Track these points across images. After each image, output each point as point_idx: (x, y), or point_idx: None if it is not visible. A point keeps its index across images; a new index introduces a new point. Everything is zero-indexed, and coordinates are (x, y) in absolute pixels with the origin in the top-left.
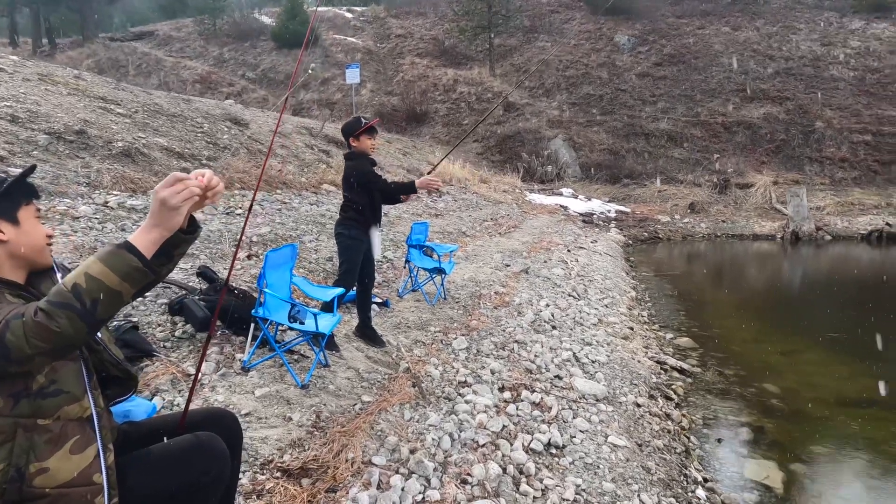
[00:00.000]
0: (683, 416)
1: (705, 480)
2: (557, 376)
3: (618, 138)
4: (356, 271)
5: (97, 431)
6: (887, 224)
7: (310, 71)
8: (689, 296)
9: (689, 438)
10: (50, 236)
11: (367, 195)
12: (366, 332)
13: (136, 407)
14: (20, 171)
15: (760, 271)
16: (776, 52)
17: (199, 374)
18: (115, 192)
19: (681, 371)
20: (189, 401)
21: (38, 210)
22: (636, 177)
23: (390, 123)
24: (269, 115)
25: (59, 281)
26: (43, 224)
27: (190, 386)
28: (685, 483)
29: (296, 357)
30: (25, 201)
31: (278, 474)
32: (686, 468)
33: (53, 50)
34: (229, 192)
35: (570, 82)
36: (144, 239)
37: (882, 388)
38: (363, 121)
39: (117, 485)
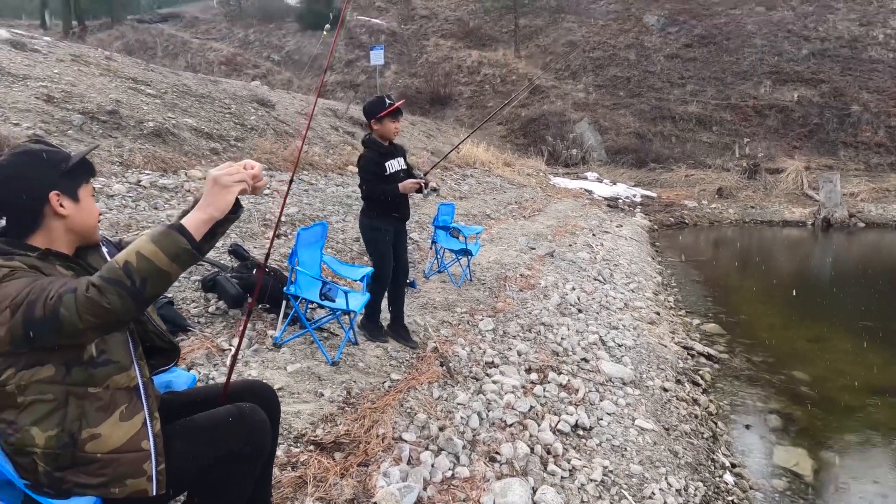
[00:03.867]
0: (711, 401)
1: (733, 466)
2: (584, 359)
3: (645, 121)
4: (388, 260)
5: (144, 400)
6: None
7: (324, 32)
8: (716, 282)
9: (716, 424)
10: (99, 214)
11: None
12: (399, 331)
13: (177, 377)
14: (84, 149)
15: (790, 258)
16: (812, 32)
17: (233, 350)
18: (146, 171)
19: (708, 357)
20: (230, 372)
21: (93, 189)
22: (663, 161)
23: (414, 106)
24: (295, 96)
25: (105, 254)
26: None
27: (231, 357)
28: (713, 468)
29: (325, 335)
30: (85, 179)
31: (311, 447)
32: (714, 453)
33: (84, 32)
34: None
35: (597, 64)
36: (195, 219)
37: None
38: (387, 102)
39: (164, 451)
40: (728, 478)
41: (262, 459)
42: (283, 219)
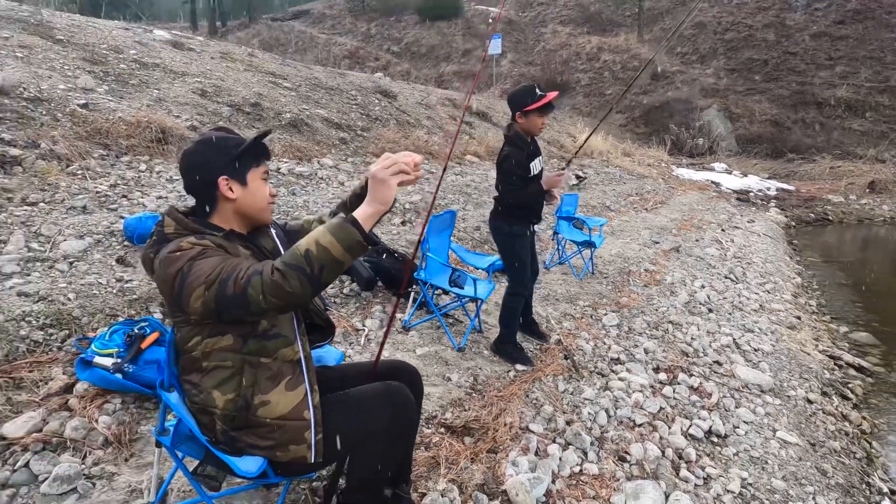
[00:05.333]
0: (864, 418)
1: (893, 492)
2: (717, 362)
3: (783, 108)
4: (527, 268)
5: (305, 372)
6: None
7: (490, 20)
8: (867, 286)
9: (870, 444)
10: (273, 195)
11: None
12: (504, 349)
13: (327, 353)
14: (252, 135)
15: None
16: None
17: (367, 331)
18: (284, 160)
19: (859, 369)
20: (380, 352)
21: (266, 172)
22: (803, 151)
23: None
24: (415, 87)
25: (273, 236)
26: (270, 184)
27: (382, 337)
28: (868, 492)
29: (450, 321)
30: (255, 164)
31: (442, 430)
32: (868, 476)
33: (227, 31)
34: None
35: (730, 46)
36: (365, 213)
37: None
38: (538, 93)
39: (322, 422)
40: None
41: (407, 438)
42: (406, 206)
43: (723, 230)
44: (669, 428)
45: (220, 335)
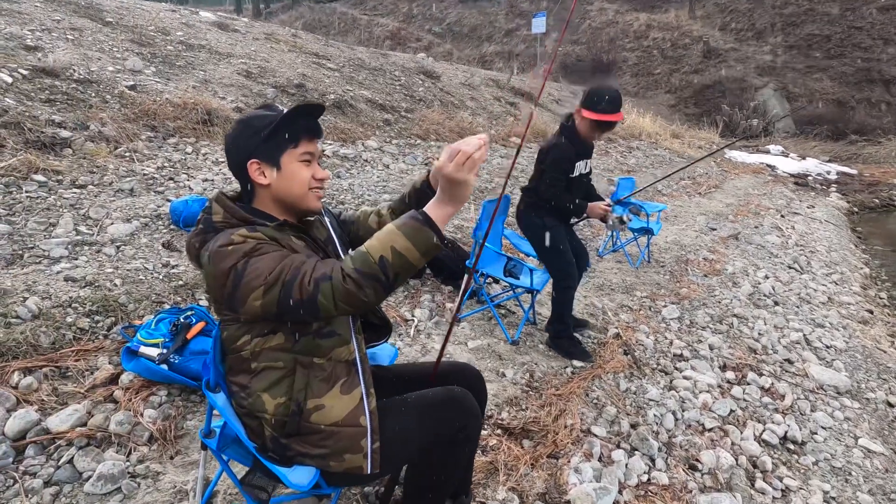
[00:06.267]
0: None
1: None
2: (787, 360)
3: (847, 86)
4: (570, 256)
5: (361, 375)
6: None
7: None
8: None
9: None
10: (321, 179)
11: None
12: (560, 344)
13: (381, 350)
14: (284, 113)
15: None
16: None
17: (416, 321)
18: (328, 142)
19: None
20: (441, 353)
21: (309, 153)
22: (868, 132)
23: (573, 75)
24: (458, 68)
25: (327, 224)
26: (317, 166)
27: (444, 336)
28: None
29: (502, 312)
30: (292, 144)
31: (499, 432)
32: None
33: (270, 13)
34: (426, 143)
35: (789, 21)
36: (442, 213)
37: None
38: (605, 105)
39: (379, 429)
40: None
41: (471, 447)
42: None
43: (782, 216)
44: (741, 433)
45: (272, 333)
